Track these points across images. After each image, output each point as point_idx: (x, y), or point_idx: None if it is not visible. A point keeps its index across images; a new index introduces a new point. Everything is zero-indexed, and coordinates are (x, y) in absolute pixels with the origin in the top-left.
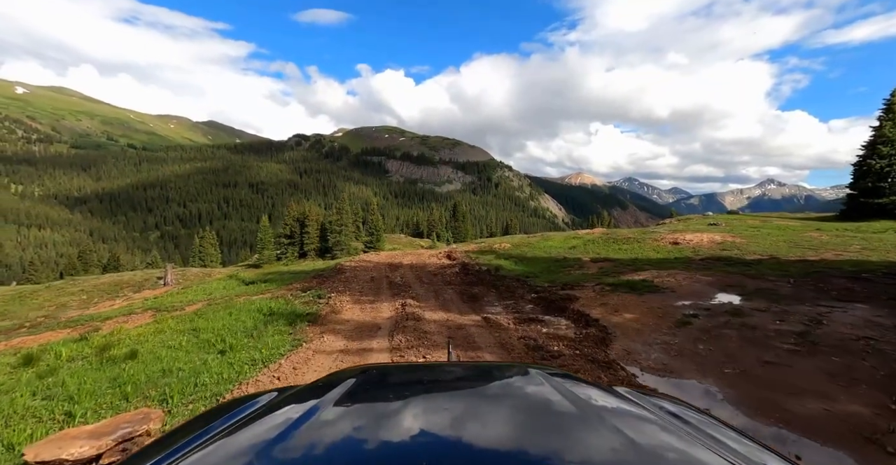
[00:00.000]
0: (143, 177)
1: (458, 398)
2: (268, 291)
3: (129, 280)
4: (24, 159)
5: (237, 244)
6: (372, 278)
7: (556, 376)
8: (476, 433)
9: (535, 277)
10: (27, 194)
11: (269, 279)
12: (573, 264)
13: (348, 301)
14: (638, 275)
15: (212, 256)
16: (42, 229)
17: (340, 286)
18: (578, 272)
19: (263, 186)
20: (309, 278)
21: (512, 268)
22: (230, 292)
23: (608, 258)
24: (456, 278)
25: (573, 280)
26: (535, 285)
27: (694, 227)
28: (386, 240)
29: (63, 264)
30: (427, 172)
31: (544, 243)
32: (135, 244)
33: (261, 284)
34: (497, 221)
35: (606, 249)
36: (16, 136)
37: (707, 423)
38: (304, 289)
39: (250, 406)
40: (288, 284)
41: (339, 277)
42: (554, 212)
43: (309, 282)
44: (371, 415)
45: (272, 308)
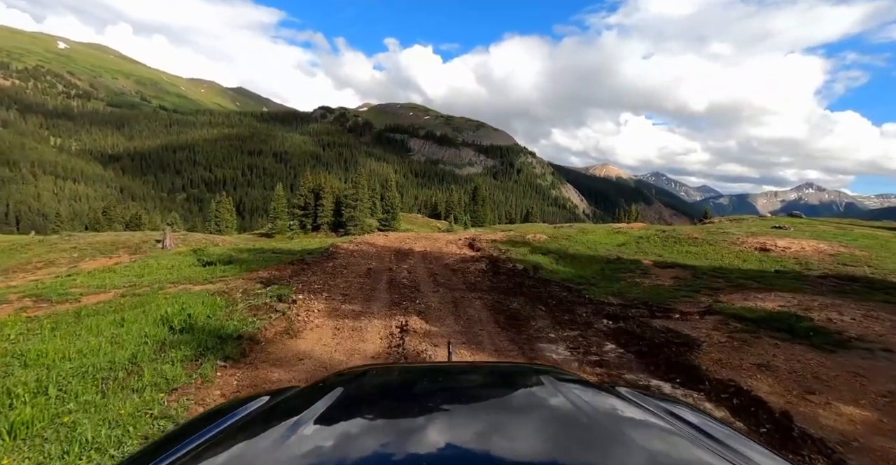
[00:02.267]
0: (172, 139)
1: (462, 406)
2: (221, 279)
3: (126, 241)
4: (63, 113)
5: (258, 212)
6: (369, 270)
7: (564, 379)
8: (484, 444)
9: (591, 284)
10: (65, 148)
11: (238, 260)
12: (632, 268)
13: (320, 312)
14: (759, 299)
15: (227, 221)
16: (77, 183)
17: (321, 281)
18: (648, 282)
19: (287, 155)
20: (288, 262)
21: (555, 268)
22: (175, 274)
23: (678, 264)
24: (483, 279)
25: (653, 297)
26: (599, 301)
27: (756, 229)
28: (402, 219)
29: (89, 218)
30: (449, 154)
31: (585, 237)
32: (162, 204)
33: (220, 266)
34: (517, 207)
35: (669, 250)
36: (56, 90)
37: (729, 434)
38: (269, 281)
39: (243, 411)
40: (256, 269)
41: (326, 264)
42: (575, 202)
43: (282, 270)
44: (369, 422)
45: (192, 318)
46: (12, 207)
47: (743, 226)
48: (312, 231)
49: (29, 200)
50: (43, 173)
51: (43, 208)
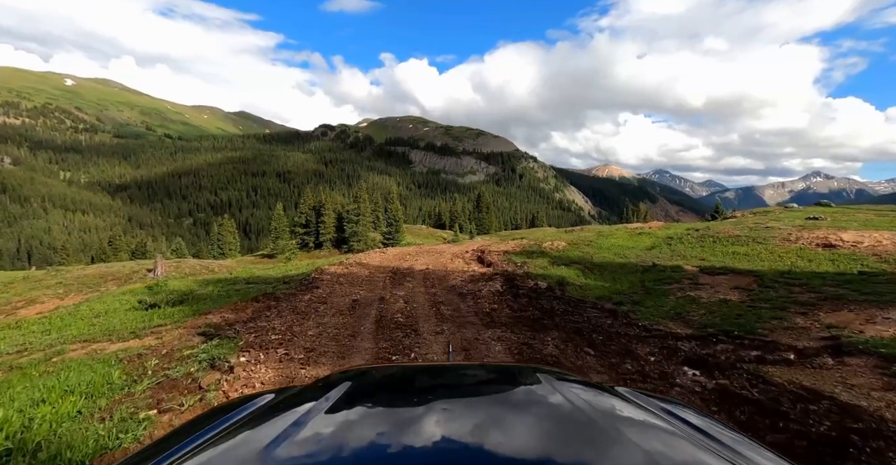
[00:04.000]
0: (177, 165)
1: (460, 405)
2: (155, 330)
3: (116, 272)
4: (71, 148)
5: (264, 232)
6: (354, 303)
7: (563, 379)
8: (481, 439)
9: (635, 303)
10: (74, 181)
11: (194, 297)
12: (676, 276)
13: (265, 385)
14: (891, 321)
15: (231, 244)
16: (86, 214)
17: (285, 326)
18: (707, 297)
19: (290, 175)
20: (252, 299)
21: (584, 283)
22: (100, 325)
23: (730, 269)
24: (500, 305)
25: (729, 320)
26: (660, 332)
27: (794, 222)
28: (406, 231)
29: (95, 249)
30: (450, 163)
31: (607, 241)
32: (169, 230)
33: (166, 308)
34: (522, 213)
35: (710, 252)
36: (65, 126)
37: (734, 437)
38: (216, 329)
39: (249, 407)
40: (208, 311)
41: (301, 298)
42: (580, 204)
43: (242, 310)
44: (369, 421)
45: (30, 430)
46: (24, 242)
47: (770, 218)
48: (315, 249)
49: (40, 234)
50: (53, 207)
51: (54, 242)
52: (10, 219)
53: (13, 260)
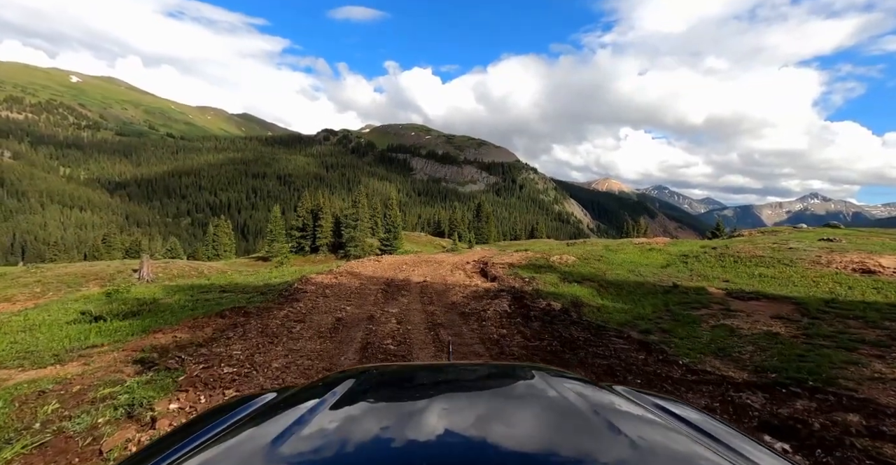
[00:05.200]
0: (178, 165)
1: (461, 400)
2: (86, 352)
3: (99, 271)
4: (73, 144)
5: (262, 234)
6: (338, 322)
7: (561, 376)
8: (481, 436)
9: (664, 331)
10: (73, 177)
11: (154, 308)
12: (702, 300)
13: None
14: None
15: (226, 245)
16: (83, 211)
17: (246, 354)
18: (748, 328)
19: (291, 178)
20: (217, 314)
21: (601, 304)
22: (25, 342)
23: (762, 294)
24: (511, 331)
25: (789, 361)
26: (709, 376)
27: (807, 242)
28: (405, 238)
29: (89, 246)
30: (451, 172)
31: (617, 257)
32: (166, 229)
33: (114, 322)
34: (521, 223)
35: (733, 273)
36: (68, 122)
37: (731, 433)
38: (161, 353)
39: (249, 406)
40: (159, 328)
41: (275, 314)
42: (579, 217)
43: (202, 327)
44: (372, 416)
45: None
46: (18, 236)
47: (782, 238)
48: (311, 253)
49: (35, 229)
50: (50, 202)
51: (49, 237)
52: (5, 213)
53: (6, 255)
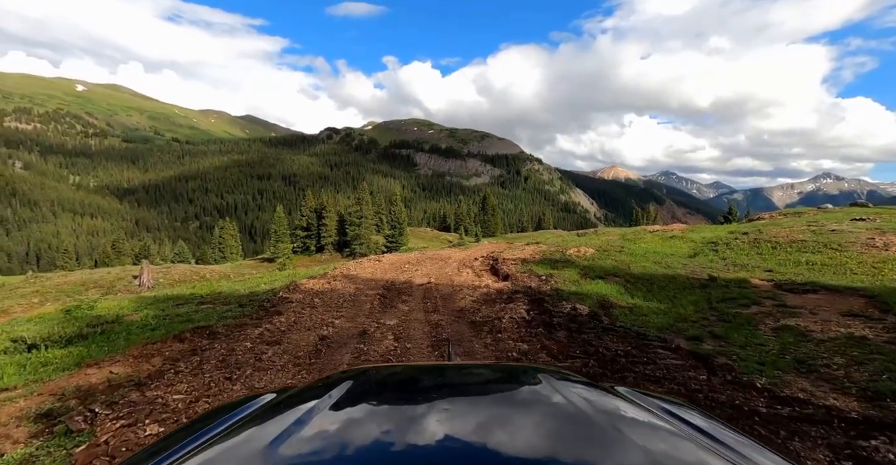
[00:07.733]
0: (185, 169)
1: (462, 402)
2: (10, 390)
3: (99, 279)
4: (81, 152)
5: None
6: (321, 341)
7: (566, 379)
8: (482, 442)
9: (716, 338)
10: (83, 185)
11: (110, 329)
12: (749, 294)
13: None
14: None
15: (232, 247)
16: (94, 218)
17: (187, 405)
18: (820, 330)
19: (295, 178)
20: (175, 337)
21: (632, 304)
22: None
23: (818, 285)
24: (532, 343)
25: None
26: (819, 412)
27: (846, 223)
28: (410, 234)
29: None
30: (455, 165)
31: (638, 247)
32: (175, 233)
33: (50, 351)
34: (528, 215)
35: (772, 261)
36: (75, 130)
37: (739, 439)
38: (78, 402)
39: (249, 407)
40: (98, 360)
41: (247, 334)
42: (586, 206)
43: (145, 359)
44: (372, 418)
45: None
46: (33, 245)
47: (808, 219)
48: (317, 252)
49: (49, 238)
50: (62, 211)
51: (62, 245)
52: (20, 222)
53: (22, 263)
